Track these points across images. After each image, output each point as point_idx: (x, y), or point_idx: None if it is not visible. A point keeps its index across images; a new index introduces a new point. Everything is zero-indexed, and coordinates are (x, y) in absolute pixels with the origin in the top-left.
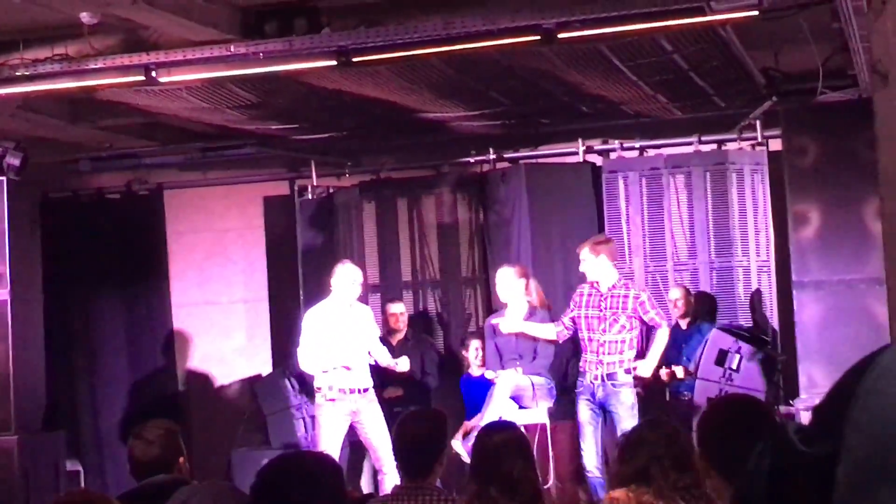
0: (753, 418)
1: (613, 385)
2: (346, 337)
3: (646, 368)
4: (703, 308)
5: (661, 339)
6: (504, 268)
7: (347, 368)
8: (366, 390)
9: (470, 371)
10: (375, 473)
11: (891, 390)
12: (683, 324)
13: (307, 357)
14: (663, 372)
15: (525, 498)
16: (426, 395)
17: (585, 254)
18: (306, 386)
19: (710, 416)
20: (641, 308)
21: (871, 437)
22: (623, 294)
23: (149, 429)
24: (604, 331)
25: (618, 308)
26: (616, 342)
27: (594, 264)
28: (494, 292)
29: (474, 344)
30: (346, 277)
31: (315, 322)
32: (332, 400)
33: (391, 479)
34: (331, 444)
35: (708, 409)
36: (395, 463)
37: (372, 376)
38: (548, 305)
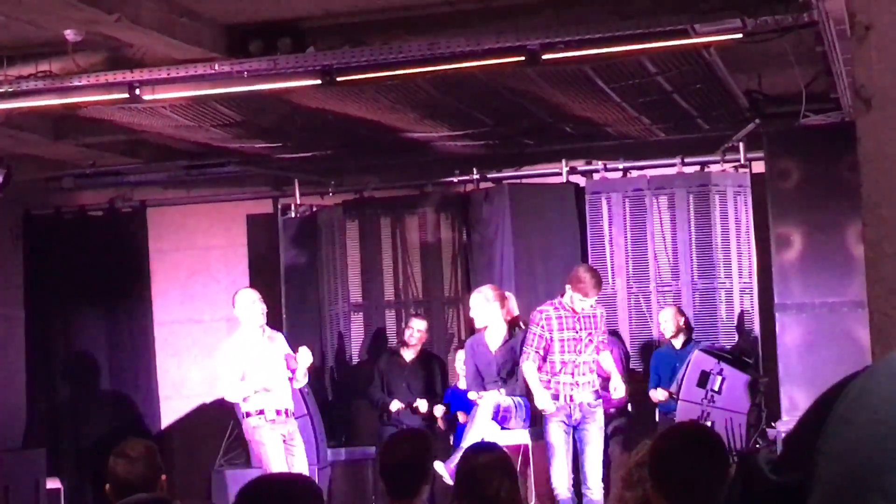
0: (704, 448)
1: (590, 405)
2: (267, 362)
3: (621, 389)
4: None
5: (611, 360)
6: (474, 293)
7: (268, 390)
8: (292, 412)
9: (457, 384)
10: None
11: (862, 419)
12: (677, 343)
13: (231, 387)
14: (662, 393)
15: None
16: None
17: (573, 293)
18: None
19: (661, 446)
20: (603, 325)
21: (842, 467)
22: (598, 313)
23: (130, 447)
24: (580, 352)
25: (592, 328)
26: (589, 363)
27: (568, 297)
28: None
29: (461, 356)
30: (247, 300)
31: (234, 352)
32: (273, 421)
33: None
34: (282, 463)
35: (659, 438)
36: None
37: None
38: (520, 323)
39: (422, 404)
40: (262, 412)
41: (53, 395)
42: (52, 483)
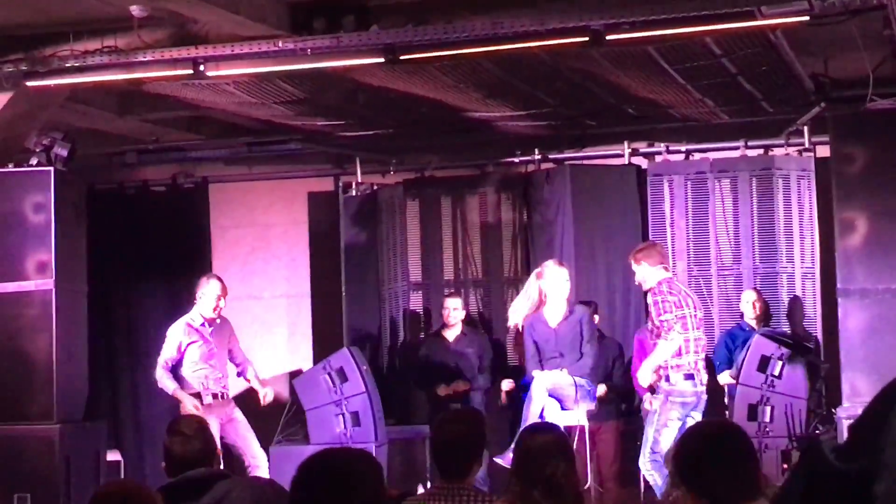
0: (732, 444)
1: (654, 389)
2: (206, 350)
3: (640, 375)
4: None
5: (658, 350)
6: (561, 267)
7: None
8: (229, 396)
9: None
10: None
11: None
12: (757, 325)
13: (161, 370)
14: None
15: (568, 500)
16: (479, 393)
17: (632, 264)
18: (347, 381)
19: (689, 441)
20: (654, 311)
21: None
22: (651, 299)
23: (185, 425)
24: (654, 335)
25: (649, 314)
26: (653, 346)
27: (638, 272)
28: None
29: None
30: (214, 291)
31: (174, 336)
32: (209, 406)
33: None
34: None
35: (686, 434)
36: (265, 457)
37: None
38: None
39: (460, 384)
40: (199, 396)
41: (114, 368)
42: (113, 456)
